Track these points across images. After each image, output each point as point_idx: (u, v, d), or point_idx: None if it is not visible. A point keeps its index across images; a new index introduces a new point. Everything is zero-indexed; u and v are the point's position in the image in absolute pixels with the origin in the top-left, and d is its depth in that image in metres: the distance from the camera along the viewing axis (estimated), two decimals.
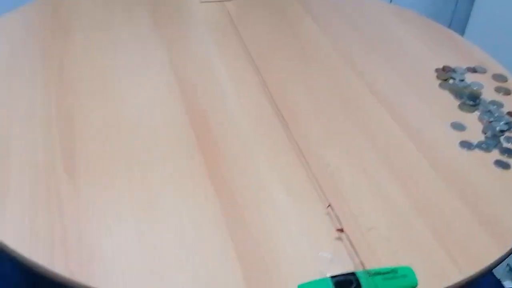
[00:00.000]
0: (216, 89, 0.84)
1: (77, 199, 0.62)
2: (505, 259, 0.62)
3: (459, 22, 1.68)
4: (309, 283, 0.54)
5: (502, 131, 0.79)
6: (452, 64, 0.95)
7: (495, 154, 0.75)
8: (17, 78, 0.81)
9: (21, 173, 0.65)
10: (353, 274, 0.54)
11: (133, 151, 0.70)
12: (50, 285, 0.62)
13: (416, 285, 0.55)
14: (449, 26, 1.15)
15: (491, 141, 0.77)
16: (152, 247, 0.58)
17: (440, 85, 0.89)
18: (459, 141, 0.77)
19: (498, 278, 1.57)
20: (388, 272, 0.55)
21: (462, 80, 0.90)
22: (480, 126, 0.80)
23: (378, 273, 0.55)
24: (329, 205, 0.64)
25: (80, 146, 0.70)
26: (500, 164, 0.73)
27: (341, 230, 0.61)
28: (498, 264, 0.61)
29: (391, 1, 1.61)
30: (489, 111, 0.83)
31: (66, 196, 0.62)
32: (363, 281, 0.54)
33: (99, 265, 0.55)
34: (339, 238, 0.60)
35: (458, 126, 0.80)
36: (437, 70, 0.93)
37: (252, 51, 0.94)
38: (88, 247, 0.56)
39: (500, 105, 0.85)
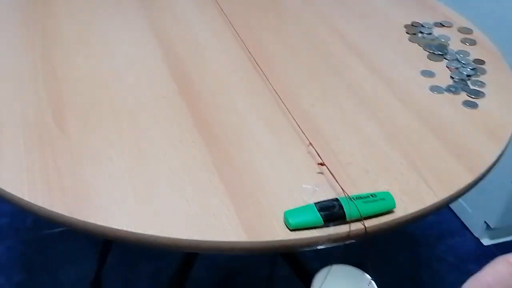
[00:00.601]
0: (194, 45, 0.85)
1: (69, 147, 0.64)
2: (475, 185, 0.66)
3: None
4: (295, 209, 0.57)
5: (469, 76, 0.83)
6: (420, 20, 0.98)
7: (463, 96, 0.79)
8: (4, 44, 0.81)
9: (14, 128, 0.66)
10: (336, 199, 0.58)
11: (119, 101, 0.72)
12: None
13: (394, 207, 0.59)
14: None
15: (459, 84, 0.81)
16: (145, 184, 0.60)
17: (409, 38, 0.93)
18: (429, 85, 0.81)
19: (477, 236, 1.64)
20: (367, 197, 0.58)
21: (430, 34, 0.94)
22: (448, 73, 0.84)
23: (358, 197, 0.58)
24: (309, 143, 0.67)
25: (68, 100, 0.72)
26: (468, 104, 0.77)
27: (322, 164, 0.64)
28: (469, 189, 0.65)
29: None
30: (456, 59, 0.87)
31: (58, 145, 0.64)
32: (345, 204, 0.57)
33: (95, 203, 0.57)
34: (321, 172, 0.63)
35: (428, 73, 0.84)
36: (406, 26, 0.96)
37: (227, 11, 0.95)
38: (83, 188, 0.58)
39: (466, 54, 0.89)
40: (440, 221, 1.69)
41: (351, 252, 0.60)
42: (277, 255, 1.49)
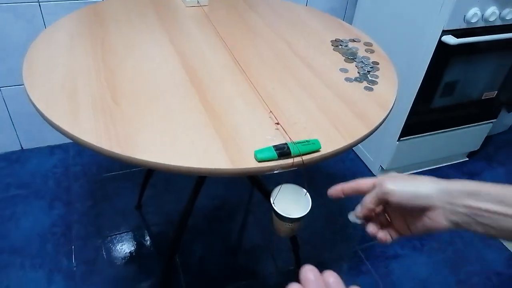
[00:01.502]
0: (199, 53, 0.85)
1: (121, 114, 0.65)
2: (369, 135, 0.68)
3: (349, 15, 1.71)
4: (261, 149, 0.59)
5: (369, 72, 0.85)
6: (341, 37, 0.99)
7: (365, 84, 0.81)
8: (77, 51, 0.81)
9: (86, 103, 0.67)
10: (285, 144, 0.60)
11: (152, 88, 0.73)
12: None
13: (320, 148, 0.62)
14: (343, 18, 1.19)
15: (362, 77, 0.83)
16: (169, 135, 0.62)
17: (333, 49, 0.93)
18: (344, 77, 0.82)
19: (375, 175, 1.63)
20: (304, 142, 0.61)
21: (346, 46, 0.95)
22: (356, 70, 0.85)
23: (298, 142, 0.61)
24: (270, 111, 0.69)
25: (120, 86, 0.72)
26: (367, 88, 0.79)
27: (278, 123, 0.66)
28: (365, 138, 0.67)
29: (306, 5, 1.63)
30: (362, 61, 0.88)
31: (115, 113, 0.65)
32: (291, 146, 0.60)
33: (138, 146, 0.59)
34: (277, 129, 0.65)
35: (343, 70, 0.85)
36: (331, 40, 0.97)
37: (220, 31, 0.94)
38: (131, 137, 0.60)
39: (368, 58, 0.90)
40: (352, 166, 1.69)
41: (295, 178, 0.62)
42: (253, 187, 1.51)
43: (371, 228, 0.48)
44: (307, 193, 0.62)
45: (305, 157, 0.60)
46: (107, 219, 1.34)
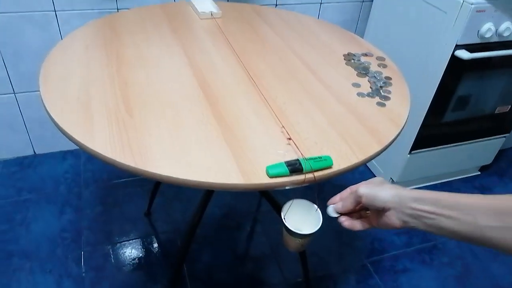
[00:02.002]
0: (212, 65, 0.85)
1: (135, 125, 0.66)
2: (382, 152, 0.68)
3: (361, 27, 1.71)
4: (273, 165, 0.60)
5: (381, 87, 0.85)
6: (353, 51, 0.98)
7: (377, 99, 0.80)
8: (92, 62, 0.82)
9: (100, 114, 0.67)
10: (297, 160, 0.61)
11: (165, 99, 0.73)
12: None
13: (332, 164, 0.62)
14: (355, 32, 1.19)
15: (375, 92, 0.82)
16: (181, 148, 0.62)
17: (346, 63, 0.93)
18: (356, 92, 0.82)
19: None
20: (316, 158, 0.61)
21: (359, 60, 0.95)
22: (368, 85, 0.85)
23: (310, 158, 0.61)
24: (282, 126, 0.69)
25: (134, 97, 0.73)
26: (380, 104, 0.79)
27: (289, 139, 0.66)
28: (378, 155, 0.67)
29: (318, 17, 1.65)
30: (374, 76, 0.88)
31: (129, 125, 0.66)
32: (302, 162, 0.60)
33: (151, 158, 0.60)
34: (289, 144, 0.65)
35: (356, 85, 0.85)
36: (344, 55, 0.97)
37: (232, 43, 0.95)
38: (143, 149, 0.61)
39: (380, 73, 0.90)
40: (363, 178, 1.67)
41: (306, 193, 0.62)
42: (261, 197, 1.52)
43: (343, 219, 0.58)
44: (318, 209, 0.62)
45: (316, 174, 0.60)
46: (117, 226, 1.35)
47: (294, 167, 0.59)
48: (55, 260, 1.22)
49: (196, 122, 0.68)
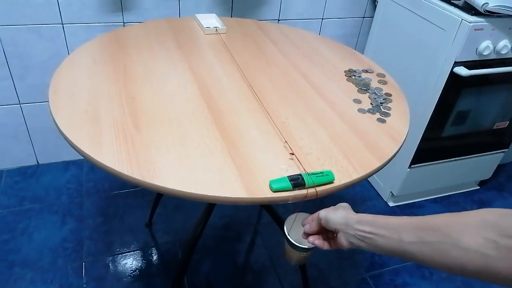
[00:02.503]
0: (216, 79, 0.87)
1: (141, 139, 0.68)
2: (382, 168, 0.70)
3: (362, 42, 1.74)
4: (276, 179, 0.61)
5: (381, 103, 0.87)
6: (354, 68, 1.01)
7: (377, 115, 0.83)
8: (100, 76, 0.84)
9: (108, 128, 0.69)
10: (299, 175, 0.62)
11: (171, 113, 0.75)
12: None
13: (333, 179, 0.63)
14: (355, 48, 1.20)
15: (375, 109, 0.84)
16: (186, 162, 0.64)
17: (347, 79, 0.95)
18: (357, 108, 0.84)
19: (385, 200, 1.65)
20: (318, 173, 0.63)
21: (360, 76, 0.97)
22: (369, 101, 0.87)
23: (312, 173, 0.63)
24: (285, 141, 0.71)
25: (140, 110, 0.75)
26: (380, 120, 0.81)
27: (292, 154, 0.68)
28: (378, 171, 0.69)
29: (320, 32, 1.68)
30: (375, 92, 0.90)
31: (135, 138, 0.68)
32: (305, 177, 0.62)
33: (157, 172, 0.61)
34: (291, 159, 0.67)
35: (357, 101, 0.87)
36: (345, 71, 0.99)
37: (236, 59, 0.97)
38: (150, 163, 0.63)
39: (380, 89, 0.92)
40: (363, 191, 1.70)
41: (306, 205, 0.64)
42: (262, 209, 1.53)
43: (311, 239, 0.62)
44: None
45: (318, 189, 0.62)
46: (118, 236, 1.35)
47: (297, 182, 0.61)
48: (56, 270, 1.23)
49: (201, 137, 0.70)
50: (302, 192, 0.61)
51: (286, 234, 0.63)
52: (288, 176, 0.61)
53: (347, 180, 0.64)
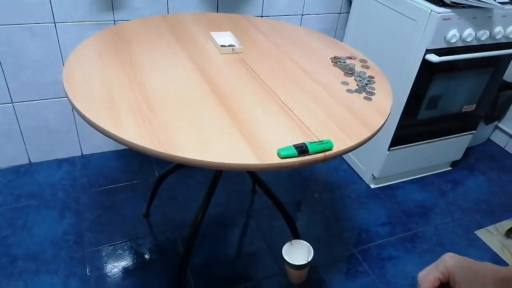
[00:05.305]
0: (216, 67, 0.94)
1: (157, 120, 0.74)
2: (371, 138, 0.78)
3: (339, 34, 1.85)
4: (283, 148, 0.69)
5: (366, 84, 0.96)
6: (339, 55, 1.10)
7: (364, 94, 0.92)
8: (108, 67, 0.89)
9: (125, 111, 0.75)
10: (303, 143, 0.70)
11: (180, 97, 0.82)
12: None
13: (332, 147, 0.72)
14: (334, 36, 1.28)
15: (361, 89, 0.94)
16: (199, 135, 0.71)
17: (333, 65, 1.04)
18: (345, 89, 0.93)
19: (367, 183, 1.75)
20: (318, 142, 0.71)
21: (344, 62, 1.06)
22: (355, 83, 0.96)
23: (314, 142, 0.71)
24: (294, 114, 0.79)
25: (151, 96, 0.81)
26: (366, 98, 0.90)
27: (296, 127, 0.76)
28: (369, 140, 0.78)
29: (300, 25, 1.76)
30: (359, 76, 1.00)
31: (152, 118, 0.74)
32: (308, 145, 0.70)
33: (177, 146, 0.68)
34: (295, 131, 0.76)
35: (344, 83, 0.96)
36: (331, 58, 1.08)
37: (236, 50, 1.06)
38: (168, 138, 0.69)
39: (364, 73, 1.02)
40: (346, 175, 1.79)
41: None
42: (253, 196, 1.60)
43: None
44: (310, 247, 0.86)
45: (319, 154, 0.70)
46: (117, 227, 1.40)
47: (301, 149, 0.69)
48: (59, 261, 1.27)
49: (211, 116, 0.77)
50: (306, 158, 0.69)
51: (286, 260, 0.80)
52: (294, 145, 0.70)
53: (343, 147, 0.73)
